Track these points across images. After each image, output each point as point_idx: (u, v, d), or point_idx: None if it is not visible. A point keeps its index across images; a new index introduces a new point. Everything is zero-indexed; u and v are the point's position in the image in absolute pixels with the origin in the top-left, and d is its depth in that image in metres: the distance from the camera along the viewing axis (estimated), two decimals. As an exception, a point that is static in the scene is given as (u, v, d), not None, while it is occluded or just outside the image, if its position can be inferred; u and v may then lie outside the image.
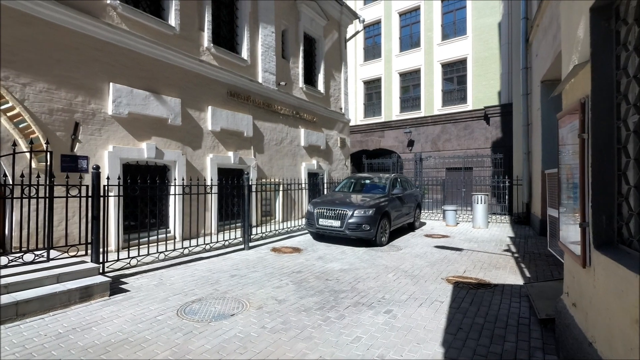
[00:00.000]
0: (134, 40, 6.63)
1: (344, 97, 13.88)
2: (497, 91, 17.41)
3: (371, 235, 7.26)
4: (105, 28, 6.14)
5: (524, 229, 10.06)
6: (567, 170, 2.63)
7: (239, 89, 9.02)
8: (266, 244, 7.58)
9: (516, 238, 8.60)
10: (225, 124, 8.46)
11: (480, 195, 10.22)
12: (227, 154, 8.60)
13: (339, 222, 7.35)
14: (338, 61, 13.66)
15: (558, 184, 2.95)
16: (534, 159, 9.98)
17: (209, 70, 8.14)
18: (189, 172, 7.56)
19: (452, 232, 9.58)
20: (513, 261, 6.25)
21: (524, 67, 10.40)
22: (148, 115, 6.82)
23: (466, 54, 18.48)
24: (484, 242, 8.11)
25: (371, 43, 22.68)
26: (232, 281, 4.99)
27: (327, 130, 12.88)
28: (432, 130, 19.45)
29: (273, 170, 10.13)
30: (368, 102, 22.85)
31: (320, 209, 7.66)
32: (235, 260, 6.22)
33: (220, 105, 8.47)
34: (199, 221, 6.49)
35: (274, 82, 10.13)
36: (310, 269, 5.72)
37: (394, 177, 9.05)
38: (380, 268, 5.77)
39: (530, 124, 10.47)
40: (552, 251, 4.53)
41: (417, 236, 8.88)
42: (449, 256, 6.63)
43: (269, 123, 10.02)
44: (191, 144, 7.72)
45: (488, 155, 13.81)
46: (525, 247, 7.44)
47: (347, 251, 7.05)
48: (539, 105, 9.13)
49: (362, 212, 7.28)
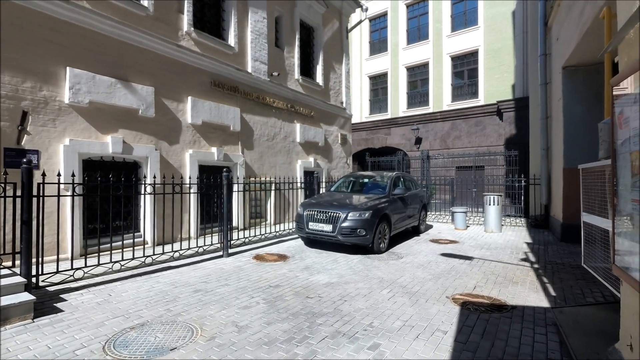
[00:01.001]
0: (98, 21, 5.87)
1: (345, 90, 12.99)
2: (510, 84, 16.29)
3: (367, 241, 6.37)
4: (61, 5, 5.39)
5: (542, 233, 9.03)
6: (637, 159, 1.71)
7: (225, 78, 8.22)
8: (249, 251, 6.75)
9: (534, 244, 7.60)
10: (207, 117, 7.66)
11: (492, 196, 9.23)
12: (210, 150, 7.80)
13: (330, 226, 6.47)
14: (339, 52, 12.77)
15: (612, 182, 2.04)
16: (554, 156, 8.94)
17: (189, 57, 7.35)
18: (164, 170, 6.78)
19: (461, 236, 8.62)
20: (533, 274, 5.29)
21: (543, 53, 9.36)
22: (114, 105, 6.06)
23: (477, 45, 17.40)
24: (497, 249, 7.14)
25: (377, 37, 21.72)
26: (193, 298, 4.17)
27: (326, 125, 12.01)
28: (441, 126, 18.41)
29: (264, 168, 9.31)
30: (374, 98, 21.90)
31: (311, 211, 6.80)
32: (208, 270, 5.40)
33: (203, 96, 7.68)
34: (174, 224, 5.71)
35: (265, 73, 9.30)
36: (291, 282, 4.86)
37: (395, 176, 8.13)
38: (374, 282, 4.88)
39: (549, 116, 9.42)
40: (589, 269, 3.58)
41: (421, 241, 7.95)
42: (457, 267, 5.71)
43: (259, 117, 9.20)
44: (167, 138, 6.94)
45: (501, 153, 12.76)
46: (546, 256, 6.46)
47: (340, 259, 6.18)
48: (560, 95, 8.11)
49: (356, 215, 6.40)
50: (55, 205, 4.97)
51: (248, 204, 8.55)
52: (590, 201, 3.23)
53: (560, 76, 7.97)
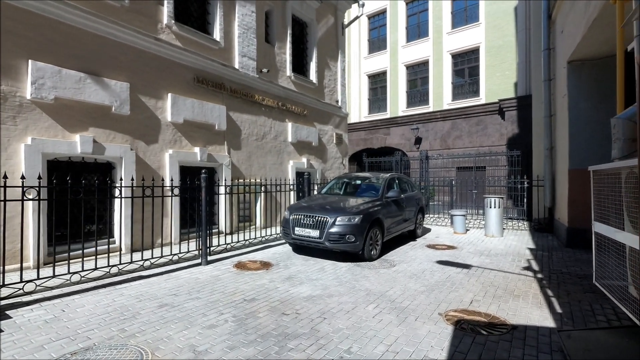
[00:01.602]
0: (67, 12, 5.45)
1: (340, 88, 12.54)
2: (513, 82, 15.80)
3: (357, 248, 5.92)
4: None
5: (545, 237, 8.54)
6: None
7: (210, 74, 7.79)
8: (231, 257, 6.31)
9: (537, 250, 7.12)
10: (190, 115, 7.23)
11: (493, 199, 8.75)
12: (193, 150, 7.37)
13: (317, 232, 6.02)
14: (334, 49, 12.32)
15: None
16: (559, 156, 8.46)
17: (169, 51, 6.93)
18: (141, 171, 6.35)
19: (460, 241, 8.14)
20: (536, 285, 4.82)
21: (546, 48, 8.88)
22: (84, 102, 5.63)
23: (478, 42, 16.92)
24: (498, 255, 6.67)
25: (376, 34, 21.28)
26: (155, 315, 3.73)
27: (320, 125, 11.56)
28: (441, 126, 17.93)
29: (253, 169, 8.87)
30: (373, 97, 21.45)
31: (297, 215, 6.35)
32: (181, 280, 4.96)
33: (185, 92, 7.25)
34: (154, 229, 5.27)
35: (254, 69, 8.87)
36: (269, 295, 4.42)
37: (390, 178, 7.67)
38: (361, 295, 4.42)
39: (553, 114, 8.94)
40: (601, 288, 3.11)
41: (417, 247, 7.48)
42: (453, 276, 5.24)
43: (248, 115, 8.76)
44: (144, 137, 6.52)
45: (503, 153, 12.27)
46: (550, 264, 5.98)
47: (327, 268, 5.73)
48: (564, 91, 7.63)
49: (345, 220, 5.94)
50: (18, 209, 4.58)
51: (235, 207, 8.11)
52: (603, 208, 2.77)
53: (565, 71, 7.49)
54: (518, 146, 13.09)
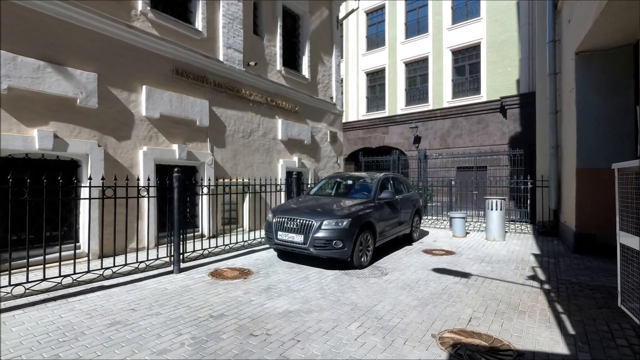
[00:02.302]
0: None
1: (335, 84, 12.00)
2: (515, 79, 15.25)
3: (345, 254, 5.39)
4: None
5: (551, 242, 8.00)
6: None
7: (190, 66, 7.26)
8: (209, 264, 5.78)
9: (543, 257, 6.58)
10: (167, 109, 6.71)
11: (495, 200, 8.20)
12: (171, 147, 6.85)
13: (301, 237, 5.49)
14: (328, 43, 11.78)
15: None
16: (565, 155, 7.91)
17: (144, 40, 6.41)
18: (111, 169, 5.83)
19: (459, 245, 7.60)
20: (543, 299, 4.28)
21: (552, 40, 8.33)
22: (43, 93, 5.11)
23: (479, 38, 16.38)
24: (500, 262, 6.13)
25: (374, 31, 20.74)
26: (102, 336, 3.20)
27: (313, 122, 11.02)
28: (441, 124, 17.39)
29: (238, 167, 8.34)
30: (371, 95, 20.91)
31: (280, 218, 5.81)
32: (146, 291, 4.44)
33: (162, 85, 6.73)
34: (125, 233, 4.77)
35: (240, 62, 8.34)
36: (240, 310, 3.89)
37: (383, 177, 7.13)
38: (345, 310, 3.89)
39: (559, 110, 8.39)
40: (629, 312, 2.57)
41: (413, 252, 6.95)
42: (451, 287, 4.71)
43: (233, 111, 8.23)
44: (114, 132, 5.99)
45: (505, 152, 11.72)
46: (558, 272, 5.44)
47: (312, 276, 5.19)
48: (572, 85, 7.09)
49: (332, 224, 5.41)
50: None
51: (218, 208, 7.58)
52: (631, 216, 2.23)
53: (573, 63, 6.95)
54: (521, 145, 12.54)
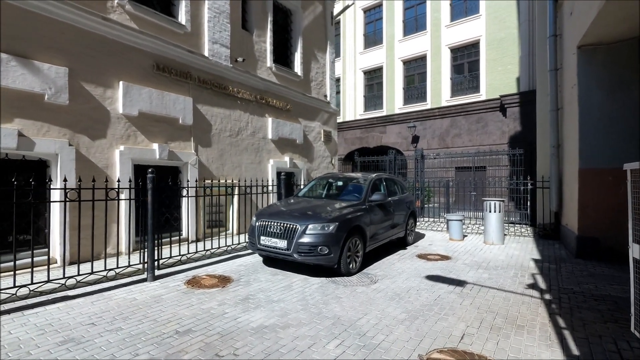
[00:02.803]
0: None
1: (329, 82, 11.65)
2: (515, 77, 14.89)
3: (332, 261, 5.03)
4: None
5: (552, 246, 7.63)
6: None
7: (173, 62, 6.92)
8: (187, 271, 5.43)
9: (543, 262, 6.22)
10: (147, 107, 6.36)
11: (493, 202, 7.84)
12: (151, 147, 6.50)
13: (285, 242, 5.13)
14: (322, 40, 11.43)
15: None
16: (567, 155, 7.55)
17: (121, 33, 6.06)
18: (84, 170, 5.48)
19: (455, 250, 7.24)
20: (544, 311, 3.93)
21: (552, 34, 7.98)
22: (6, 88, 4.76)
23: (479, 35, 16.02)
24: (498, 268, 5.77)
25: (372, 29, 20.40)
26: (49, 357, 2.86)
27: (305, 121, 10.67)
28: (439, 124, 17.04)
29: (225, 168, 7.99)
30: (369, 94, 20.56)
31: (263, 221, 5.46)
32: (113, 302, 4.09)
33: (141, 81, 6.38)
34: (99, 237, 4.42)
35: (227, 57, 7.99)
36: (210, 325, 3.54)
37: (375, 178, 6.78)
38: (325, 325, 3.54)
39: (560, 108, 8.03)
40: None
41: (406, 257, 6.59)
42: (444, 297, 4.35)
43: (220, 109, 7.88)
44: (88, 131, 5.64)
45: (504, 152, 11.35)
46: (559, 280, 5.08)
47: (296, 285, 4.84)
48: (574, 81, 6.73)
49: (318, 228, 5.05)
50: None
51: (203, 210, 7.22)
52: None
53: (575, 58, 6.59)
54: (521, 144, 12.16)
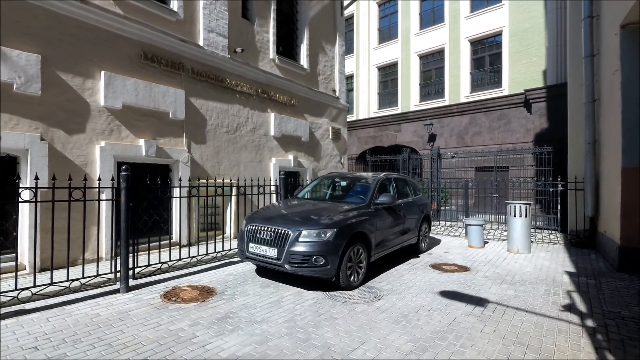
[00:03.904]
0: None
1: (338, 76, 10.96)
2: (541, 70, 13.80)
3: (329, 273, 4.34)
4: None
5: (587, 256, 6.70)
6: None
7: (163, 51, 6.39)
8: (169, 280, 4.86)
9: (580, 276, 5.34)
10: (132, 99, 5.85)
11: (519, 205, 6.97)
12: (136, 143, 5.98)
13: (275, 251, 4.47)
14: (331, 31, 10.76)
15: None
16: (606, 151, 6.60)
17: (105, 19, 5.57)
18: (59, 167, 5.00)
19: (475, 259, 6.43)
20: (588, 344, 3.13)
21: (588, 15, 7.04)
22: (-32, 77, 4.33)
23: (501, 26, 14.99)
24: (525, 283, 4.95)
25: (386, 23, 19.57)
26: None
27: (312, 117, 10.01)
28: (458, 121, 16.07)
29: (222, 166, 7.42)
30: (383, 91, 19.74)
31: (253, 226, 4.83)
32: (72, 319, 3.53)
33: (126, 71, 5.88)
34: (76, 242, 3.93)
35: (225, 48, 7.43)
36: (172, 353, 2.92)
37: (384, 178, 6.05)
38: (311, 358, 2.86)
39: (597, 99, 7.08)
40: None
41: (418, 267, 5.83)
42: (460, 321, 3.60)
43: (216, 103, 7.32)
44: (64, 124, 5.16)
45: (530, 150, 10.38)
46: (602, 301, 4.23)
47: (287, 300, 4.19)
48: (616, 66, 5.81)
49: (313, 235, 4.38)
50: None
51: (197, 212, 6.67)
52: None
53: (617, 39, 5.68)
54: (548, 142, 11.13)
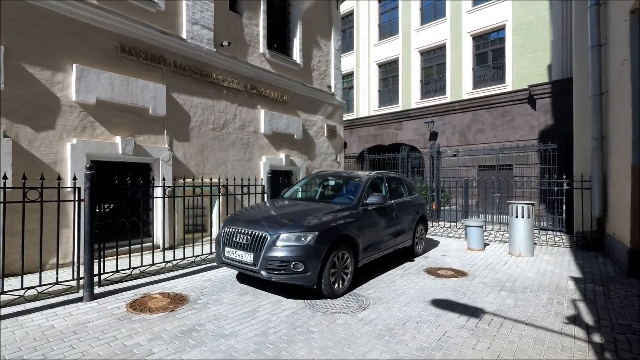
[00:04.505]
0: None
1: (334, 72, 10.58)
2: (546, 65, 13.32)
3: (309, 280, 3.98)
4: None
5: (594, 260, 6.27)
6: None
7: (142, 43, 6.06)
8: (139, 287, 4.52)
9: (586, 282, 4.93)
10: (107, 94, 5.53)
11: (521, 205, 6.56)
12: (112, 140, 5.66)
13: (251, 256, 4.11)
14: (326, 25, 10.38)
15: None
16: (615, 148, 6.17)
17: (76, 9, 5.25)
18: (25, 166, 4.68)
19: (473, 262, 6.03)
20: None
21: (595, 3, 6.60)
22: None
23: (504, 20, 14.52)
24: (526, 290, 4.54)
25: (387, 19, 19.15)
26: None
27: (306, 114, 9.65)
28: (460, 119, 15.62)
29: (207, 165, 7.08)
30: (383, 88, 19.31)
31: (231, 228, 4.48)
32: (21, 332, 3.21)
33: (101, 64, 5.55)
34: (43, 245, 3.64)
35: (210, 41, 7.09)
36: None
37: (375, 177, 5.68)
38: (274, 381, 2.51)
39: (605, 92, 6.64)
40: None
41: (412, 272, 5.45)
42: (451, 336, 3.22)
43: (201, 98, 6.98)
44: (30, 120, 4.84)
45: (534, 147, 9.93)
46: (611, 311, 3.82)
47: (263, 310, 3.83)
48: (625, 55, 5.38)
49: (292, 239, 4.01)
50: None
51: (183, 213, 6.35)
52: None
53: (627, 26, 5.25)
54: (553, 140, 10.67)
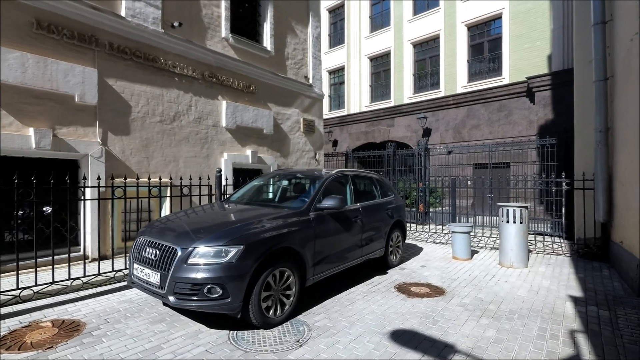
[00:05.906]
0: None
1: (312, 61, 9.67)
2: (545, 55, 12.38)
3: (231, 308, 3.08)
4: None
5: (598, 272, 5.36)
6: None
7: (66, 19, 5.18)
8: (36, 310, 3.65)
9: (588, 304, 4.02)
10: (18, 77, 4.66)
11: (512, 208, 5.65)
12: (24, 132, 4.79)
13: (158, 275, 3.23)
14: (302, 10, 9.48)
15: None
16: (622, 141, 5.25)
17: (-24, -25, 4.40)
18: None
19: (455, 276, 5.13)
20: None
21: (599, -27, 5.70)
22: None
23: (501, 8, 13.58)
24: (513, 316, 3.64)
25: (378, 10, 18.24)
26: None
27: (278, 107, 8.75)
28: (454, 114, 14.70)
29: (153, 162, 6.20)
30: (375, 83, 18.40)
31: (142, 239, 3.59)
32: None
33: (10, 42, 4.69)
34: None
35: (157, 21, 6.21)
36: None
37: (335, 176, 4.78)
38: None
39: (610, 77, 5.73)
40: None
41: (379, 289, 4.55)
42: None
43: (145, 86, 6.10)
44: None
45: (531, 143, 9.01)
46: (620, 348, 2.92)
47: (168, 348, 2.95)
48: (635, 29, 4.47)
49: (209, 254, 3.11)
50: None
51: (117, 219, 5.48)
52: None
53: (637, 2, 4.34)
54: (553, 135, 9.75)
